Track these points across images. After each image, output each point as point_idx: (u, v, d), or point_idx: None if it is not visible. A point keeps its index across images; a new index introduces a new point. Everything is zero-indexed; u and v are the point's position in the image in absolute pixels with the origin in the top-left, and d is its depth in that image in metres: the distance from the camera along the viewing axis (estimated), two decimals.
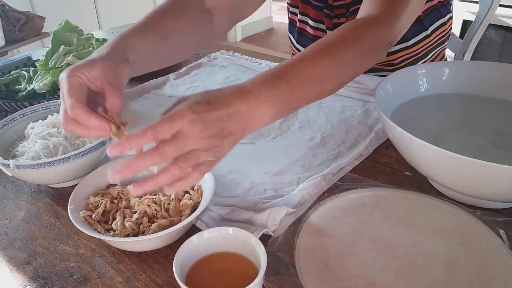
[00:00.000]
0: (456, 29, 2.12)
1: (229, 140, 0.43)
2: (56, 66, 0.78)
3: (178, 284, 0.38)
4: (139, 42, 0.54)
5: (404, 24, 0.59)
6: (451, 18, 0.87)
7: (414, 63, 0.84)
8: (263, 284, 0.42)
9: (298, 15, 0.90)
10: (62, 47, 0.80)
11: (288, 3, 0.94)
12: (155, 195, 0.53)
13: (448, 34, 0.89)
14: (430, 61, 0.89)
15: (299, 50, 0.94)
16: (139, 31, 0.55)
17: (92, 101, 0.46)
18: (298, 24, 0.91)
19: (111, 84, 0.46)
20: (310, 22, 0.87)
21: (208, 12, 0.68)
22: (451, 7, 0.87)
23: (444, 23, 0.85)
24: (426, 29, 0.82)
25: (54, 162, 0.54)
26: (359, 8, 0.69)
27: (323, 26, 0.86)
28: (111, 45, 0.51)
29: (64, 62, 0.77)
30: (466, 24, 2.10)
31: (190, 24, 0.64)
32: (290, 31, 0.96)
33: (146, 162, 0.40)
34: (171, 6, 0.62)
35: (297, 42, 0.93)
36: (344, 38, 0.53)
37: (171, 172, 0.40)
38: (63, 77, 0.45)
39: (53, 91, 0.77)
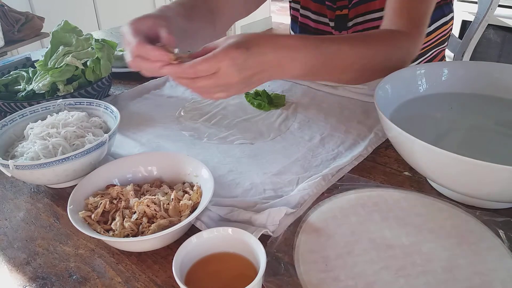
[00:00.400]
0: (455, 29, 2.12)
1: (253, 85, 0.50)
2: (55, 66, 0.78)
3: (177, 284, 0.38)
4: (177, 12, 0.62)
5: (423, 38, 0.65)
6: (452, 18, 0.88)
7: (414, 60, 0.84)
8: (262, 285, 0.42)
9: (300, 10, 0.90)
10: (61, 47, 0.80)
11: (289, 0, 0.94)
12: (155, 195, 0.53)
13: (448, 34, 0.89)
14: (429, 60, 0.89)
15: None
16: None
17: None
18: (300, 19, 0.91)
19: (163, 26, 0.54)
20: (312, 15, 0.88)
21: (211, 11, 0.69)
22: (453, 6, 0.87)
23: (446, 22, 0.85)
24: (429, 26, 0.82)
25: (54, 163, 0.53)
26: (361, 0, 0.72)
27: (324, 19, 0.86)
28: (158, 10, 0.61)
29: (63, 63, 0.77)
30: (465, 24, 2.11)
31: (199, 23, 0.68)
32: (292, 28, 0.96)
33: (180, 80, 0.48)
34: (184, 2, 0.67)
35: None
36: (382, 41, 0.60)
37: (197, 83, 0.48)
38: (126, 26, 0.54)
39: (52, 92, 0.77)
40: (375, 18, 0.80)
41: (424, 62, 0.89)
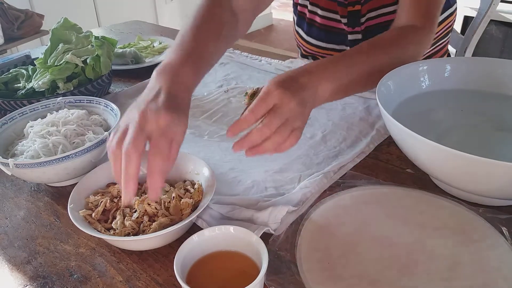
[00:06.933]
0: (457, 25, 2.11)
1: (308, 108, 0.51)
2: (55, 64, 0.77)
3: (179, 283, 0.38)
4: (193, 80, 0.54)
5: (436, 30, 0.66)
6: (456, 9, 0.88)
7: None
8: (264, 283, 0.42)
9: (309, 6, 0.89)
10: (61, 45, 0.79)
11: None
12: None
13: (452, 26, 0.89)
14: (434, 53, 0.89)
15: (308, 43, 0.93)
16: (192, 65, 0.54)
17: None
18: (308, 15, 0.90)
19: (178, 142, 0.47)
20: (319, 11, 0.87)
21: (234, 15, 0.68)
22: None
23: (452, 13, 0.86)
24: None
25: (54, 161, 0.53)
26: None
27: (334, 16, 0.86)
28: (178, 94, 0.49)
29: (63, 60, 0.77)
30: (467, 20, 2.10)
31: (226, 40, 0.65)
32: (299, 24, 0.95)
33: (258, 135, 0.48)
34: (211, 16, 0.62)
35: (307, 34, 0.93)
36: (394, 41, 0.61)
37: (274, 140, 0.48)
38: (142, 117, 0.45)
39: (52, 90, 0.77)
40: (388, 12, 0.79)
41: (429, 54, 0.89)
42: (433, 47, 0.87)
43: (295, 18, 0.96)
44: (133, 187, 0.44)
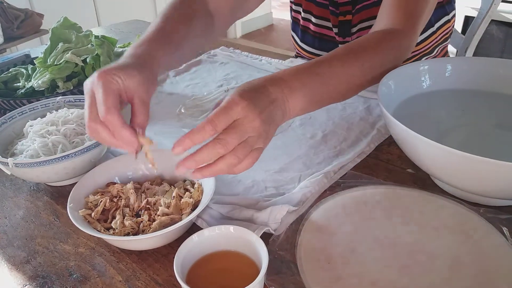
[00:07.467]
0: (458, 25, 2.11)
1: (273, 126, 0.46)
2: (55, 63, 0.77)
3: (178, 283, 0.38)
4: (161, 56, 0.53)
5: (418, 35, 0.62)
6: (454, 15, 0.87)
7: (419, 59, 0.84)
8: (264, 283, 0.41)
9: (302, 13, 0.89)
10: (60, 44, 0.79)
11: (291, 1, 0.93)
12: (155, 194, 0.52)
13: (451, 31, 0.89)
14: (433, 57, 0.89)
15: (303, 49, 0.93)
16: (161, 42, 0.54)
17: None
18: (301, 22, 0.90)
19: (141, 99, 0.46)
20: (313, 19, 0.87)
21: (210, 14, 0.68)
22: (455, 4, 0.87)
23: (449, 20, 0.85)
24: (433, 25, 0.82)
25: (53, 161, 0.53)
26: (364, 5, 0.68)
27: (327, 23, 0.85)
28: (139, 56, 0.50)
29: (62, 60, 0.77)
30: (468, 20, 2.09)
31: (199, 29, 0.64)
32: (294, 30, 0.95)
33: (210, 154, 0.41)
34: (183, 8, 0.62)
35: (301, 41, 0.92)
36: (373, 46, 0.57)
37: (229, 161, 0.42)
38: (99, 78, 0.44)
39: (52, 89, 0.77)
40: None
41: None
42: (434, 52, 0.87)
43: (291, 23, 0.96)
44: (128, 134, 0.43)
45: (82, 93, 0.75)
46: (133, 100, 0.46)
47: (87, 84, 0.45)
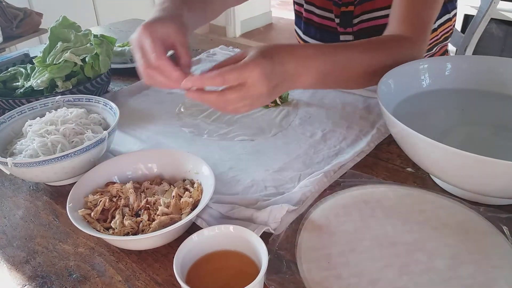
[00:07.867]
0: (457, 24, 2.11)
1: (275, 95, 0.50)
2: (54, 62, 0.77)
3: (178, 283, 0.38)
4: (190, 15, 0.58)
5: (427, 44, 0.65)
6: (455, 14, 0.87)
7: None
8: (264, 283, 0.41)
9: (304, 5, 0.89)
10: (59, 43, 0.79)
11: None
12: (155, 193, 0.52)
13: (451, 30, 0.89)
14: (432, 55, 0.88)
15: (305, 42, 0.93)
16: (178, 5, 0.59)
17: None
18: (304, 14, 0.90)
19: (182, 43, 0.52)
20: (316, 10, 0.87)
21: (203, 1, 0.68)
22: (456, 3, 0.87)
23: (450, 19, 0.85)
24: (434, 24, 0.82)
25: (52, 160, 0.53)
26: None
27: (329, 15, 0.85)
28: (167, 11, 0.56)
29: (61, 59, 0.77)
30: (467, 18, 2.10)
31: (196, 12, 0.66)
32: (297, 24, 0.95)
33: (210, 103, 0.47)
34: None
35: (304, 33, 0.93)
36: (388, 46, 0.60)
37: (219, 103, 0.47)
38: (144, 31, 0.51)
39: (51, 88, 0.76)
40: (381, 16, 0.79)
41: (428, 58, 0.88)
42: (433, 50, 0.87)
43: (294, 16, 0.96)
44: (179, 75, 0.48)
45: (81, 92, 0.75)
46: (175, 45, 0.52)
47: (133, 39, 0.53)
